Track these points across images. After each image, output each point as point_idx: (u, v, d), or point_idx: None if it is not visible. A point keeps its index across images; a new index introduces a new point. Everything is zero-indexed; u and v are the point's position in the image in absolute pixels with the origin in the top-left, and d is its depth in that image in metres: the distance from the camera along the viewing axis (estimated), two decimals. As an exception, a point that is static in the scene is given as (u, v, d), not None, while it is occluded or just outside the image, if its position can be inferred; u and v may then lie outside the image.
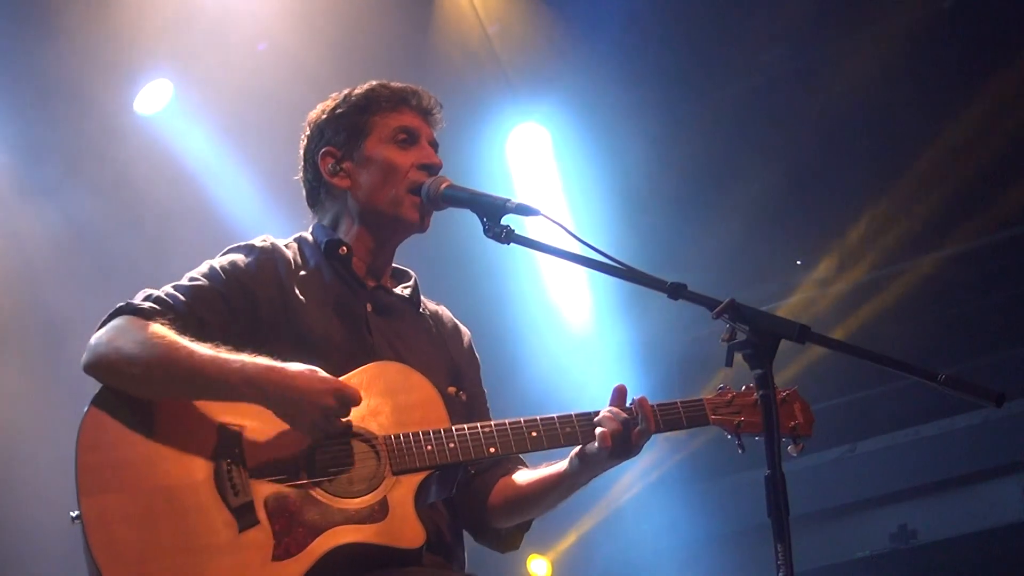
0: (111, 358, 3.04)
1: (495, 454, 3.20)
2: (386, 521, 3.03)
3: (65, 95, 6.98)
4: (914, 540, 8.95)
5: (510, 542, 3.53)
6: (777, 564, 2.60)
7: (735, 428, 3.29)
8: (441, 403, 3.22)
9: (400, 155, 3.38)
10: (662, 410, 3.28)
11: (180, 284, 3.21)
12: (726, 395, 3.33)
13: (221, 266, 3.26)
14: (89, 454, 2.99)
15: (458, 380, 3.44)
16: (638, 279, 2.99)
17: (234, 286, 3.22)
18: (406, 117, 3.42)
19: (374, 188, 3.38)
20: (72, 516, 2.97)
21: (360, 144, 3.40)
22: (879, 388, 9.02)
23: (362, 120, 3.41)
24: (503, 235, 3.10)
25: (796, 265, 9.35)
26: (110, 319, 3.12)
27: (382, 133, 3.40)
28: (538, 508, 3.44)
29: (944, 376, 2.74)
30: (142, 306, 3.11)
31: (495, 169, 8.29)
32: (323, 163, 3.43)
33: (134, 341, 3.02)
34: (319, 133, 3.46)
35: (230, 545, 2.94)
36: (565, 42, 7.93)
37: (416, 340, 3.41)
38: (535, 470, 3.41)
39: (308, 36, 7.12)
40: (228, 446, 3.02)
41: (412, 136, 3.41)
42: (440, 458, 3.12)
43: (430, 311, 3.56)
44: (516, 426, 3.22)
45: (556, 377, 8.56)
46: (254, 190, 7.42)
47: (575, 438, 3.24)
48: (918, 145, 8.26)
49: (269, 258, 3.31)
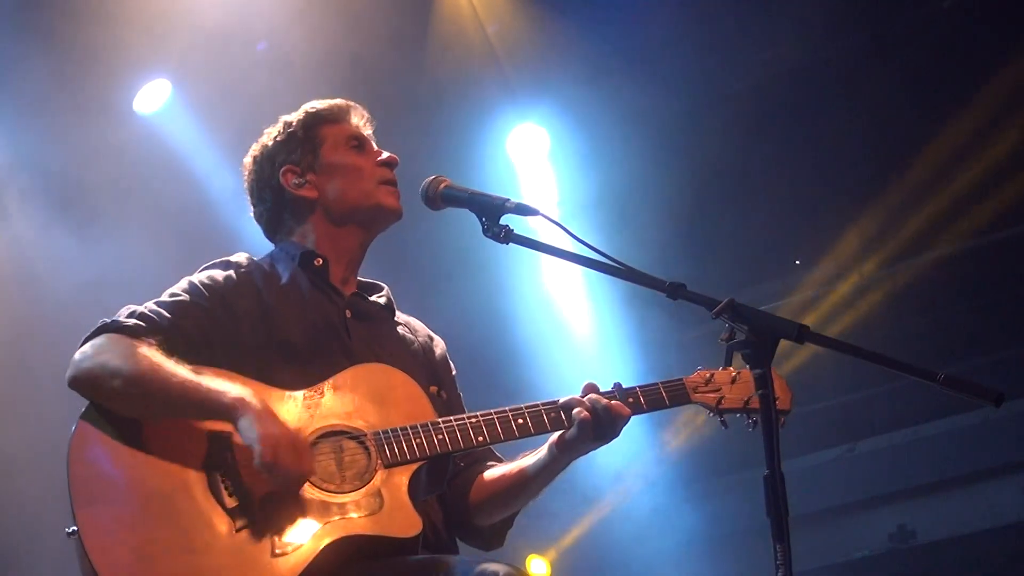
0: (95, 373, 3.06)
1: (483, 442, 3.23)
2: (381, 512, 3.05)
3: (64, 95, 6.97)
4: (913, 540, 8.96)
5: (494, 539, 3.55)
6: (776, 564, 2.60)
7: (716, 405, 3.32)
8: (426, 398, 3.26)
9: (358, 157, 3.50)
10: (643, 391, 3.34)
11: (162, 300, 3.24)
12: (704, 374, 3.37)
13: (201, 281, 3.30)
14: (81, 466, 3.00)
15: (437, 382, 3.48)
16: (637, 279, 2.98)
17: (215, 300, 3.25)
18: (352, 127, 3.56)
19: (344, 190, 3.47)
20: (68, 531, 2.97)
21: (318, 154, 3.50)
22: (879, 388, 9.02)
23: (312, 133, 3.53)
24: (502, 235, 3.11)
25: (795, 265, 9.36)
26: (95, 335, 3.14)
27: (336, 140, 3.52)
28: (519, 500, 3.46)
29: (944, 376, 2.74)
30: (126, 323, 3.14)
31: (494, 169, 8.30)
32: (285, 180, 3.51)
33: (119, 358, 3.05)
34: (270, 160, 3.55)
35: (228, 544, 2.95)
36: (564, 43, 7.93)
37: (394, 344, 3.46)
38: (512, 462, 3.43)
39: (307, 36, 7.11)
40: (220, 451, 3.04)
41: (361, 143, 3.53)
42: (430, 449, 3.15)
43: (403, 320, 3.61)
44: (502, 414, 3.25)
45: (556, 377, 8.56)
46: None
47: (560, 422, 3.27)
48: (918, 145, 8.27)
49: (247, 272, 3.36)
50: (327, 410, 3.15)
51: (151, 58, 7.22)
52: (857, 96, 8.12)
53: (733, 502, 8.89)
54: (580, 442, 3.26)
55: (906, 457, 8.95)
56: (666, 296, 2.91)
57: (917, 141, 8.25)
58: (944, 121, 8.13)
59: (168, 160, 7.43)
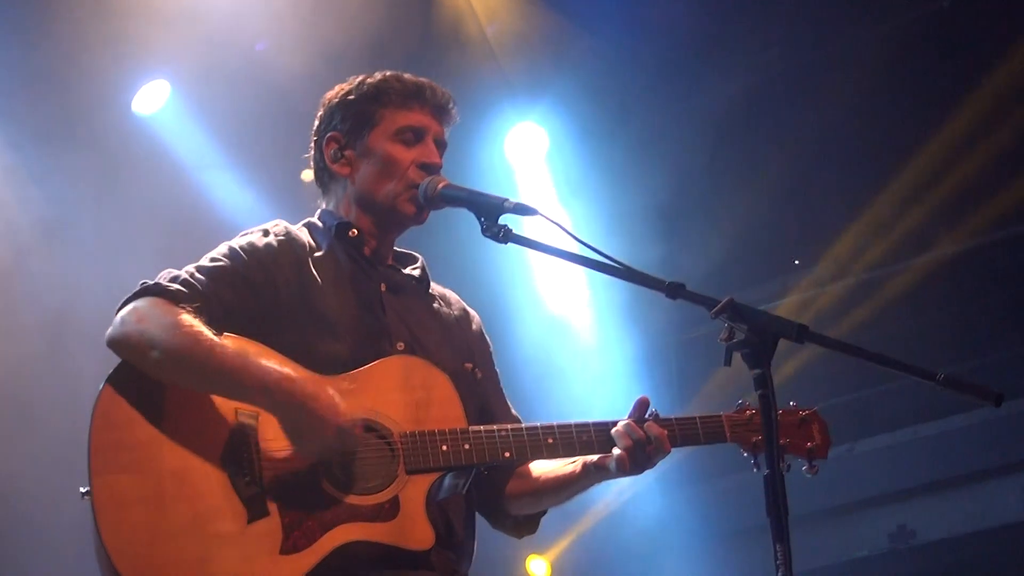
0: (135, 339, 3.01)
1: (509, 459, 3.19)
2: (396, 520, 3.01)
3: (63, 95, 6.97)
4: (913, 540, 8.94)
5: (527, 528, 3.54)
6: (776, 564, 2.60)
7: (752, 447, 3.27)
8: (459, 402, 3.20)
9: (402, 151, 3.35)
10: (680, 425, 3.27)
11: (202, 265, 3.18)
12: (745, 412, 3.31)
13: (241, 247, 3.23)
14: (103, 433, 2.97)
15: (471, 358, 3.43)
16: (636, 279, 2.97)
17: (255, 266, 3.19)
18: (415, 115, 3.40)
19: (372, 180, 3.37)
20: (82, 492, 2.95)
21: (365, 135, 3.38)
22: (878, 388, 9.01)
23: (371, 110, 3.39)
24: (501, 235, 3.09)
25: (795, 265, 9.35)
26: (136, 297, 3.09)
27: (388, 127, 3.37)
28: (554, 501, 3.45)
29: (943, 376, 2.74)
30: (169, 287, 3.08)
31: (493, 169, 8.29)
32: (327, 148, 3.42)
33: (160, 325, 3.00)
34: (329, 116, 3.45)
35: (238, 535, 2.92)
36: (563, 42, 7.93)
37: (428, 319, 3.40)
38: (552, 463, 3.39)
39: (306, 36, 7.11)
40: (243, 434, 3.00)
41: (418, 135, 3.38)
42: (455, 459, 3.10)
43: (438, 293, 3.54)
44: (532, 431, 3.21)
45: (555, 376, 8.56)
46: (252, 190, 7.41)
47: (591, 447, 3.23)
48: (917, 144, 8.26)
49: (285, 240, 3.29)
50: (357, 402, 3.09)
51: (149, 59, 7.22)
52: (857, 95, 8.11)
53: (733, 502, 8.87)
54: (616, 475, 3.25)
55: (906, 457, 8.93)
56: (665, 296, 2.90)
57: (917, 140, 8.25)
58: (943, 120, 8.12)
59: (167, 160, 7.42)
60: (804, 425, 3.34)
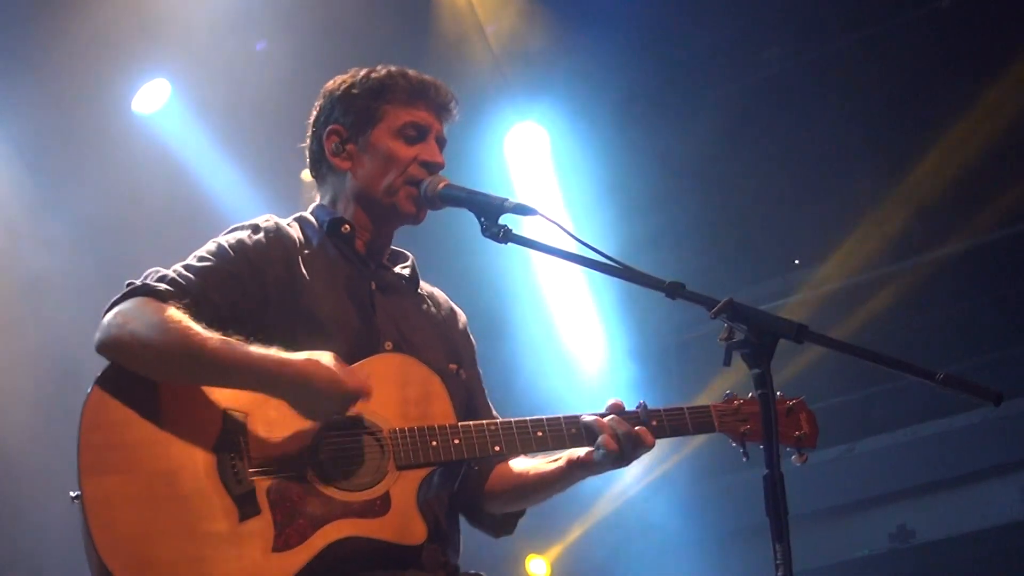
0: (124, 340, 3.00)
1: (499, 453, 3.18)
2: (387, 516, 3.02)
3: (64, 95, 6.98)
4: (913, 540, 8.95)
5: (505, 527, 3.52)
6: (776, 564, 2.60)
7: (740, 436, 3.27)
8: (447, 398, 3.20)
9: (404, 148, 3.34)
10: (668, 415, 3.27)
11: (189, 264, 3.17)
12: (732, 403, 3.31)
13: (229, 244, 3.22)
14: (92, 433, 2.96)
15: (457, 359, 3.43)
16: (636, 278, 2.97)
17: (243, 264, 3.18)
18: (419, 112, 3.38)
19: (372, 176, 3.35)
20: (72, 496, 2.94)
21: (368, 131, 3.37)
22: (878, 388, 9.02)
23: (374, 106, 3.37)
24: (500, 235, 3.08)
25: (795, 265, 9.36)
26: (123, 299, 3.07)
27: (392, 124, 3.36)
28: (535, 499, 3.45)
29: (943, 375, 2.73)
30: (157, 287, 3.07)
31: (493, 168, 8.29)
32: (328, 141, 3.40)
33: (148, 324, 2.98)
34: (330, 108, 3.43)
35: (230, 534, 2.92)
36: (563, 41, 7.93)
37: (417, 319, 3.40)
38: (533, 460, 3.40)
39: (305, 36, 7.12)
40: (232, 433, 3.00)
41: (421, 132, 3.37)
42: (444, 455, 3.11)
43: (427, 292, 3.54)
44: (522, 425, 3.21)
45: (554, 376, 8.56)
46: (251, 189, 7.41)
47: (581, 439, 3.23)
48: (917, 144, 8.27)
49: (275, 236, 3.28)
50: None
51: (149, 58, 7.22)
52: (857, 95, 8.12)
53: (733, 502, 8.88)
54: (600, 467, 3.24)
55: (906, 457, 8.94)
56: (665, 296, 2.90)
57: (917, 140, 8.25)
58: (944, 120, 8.13)
59: (167, 159, 7.43)
60: (791, 414, 3.32)
